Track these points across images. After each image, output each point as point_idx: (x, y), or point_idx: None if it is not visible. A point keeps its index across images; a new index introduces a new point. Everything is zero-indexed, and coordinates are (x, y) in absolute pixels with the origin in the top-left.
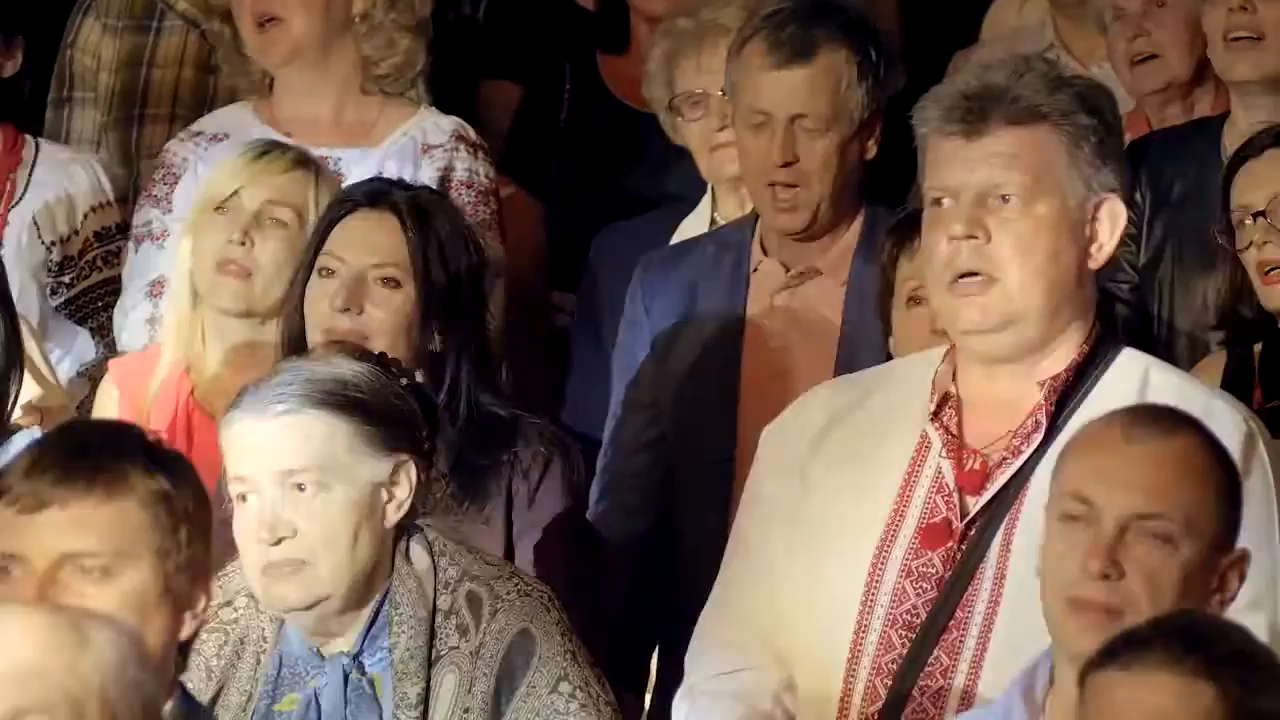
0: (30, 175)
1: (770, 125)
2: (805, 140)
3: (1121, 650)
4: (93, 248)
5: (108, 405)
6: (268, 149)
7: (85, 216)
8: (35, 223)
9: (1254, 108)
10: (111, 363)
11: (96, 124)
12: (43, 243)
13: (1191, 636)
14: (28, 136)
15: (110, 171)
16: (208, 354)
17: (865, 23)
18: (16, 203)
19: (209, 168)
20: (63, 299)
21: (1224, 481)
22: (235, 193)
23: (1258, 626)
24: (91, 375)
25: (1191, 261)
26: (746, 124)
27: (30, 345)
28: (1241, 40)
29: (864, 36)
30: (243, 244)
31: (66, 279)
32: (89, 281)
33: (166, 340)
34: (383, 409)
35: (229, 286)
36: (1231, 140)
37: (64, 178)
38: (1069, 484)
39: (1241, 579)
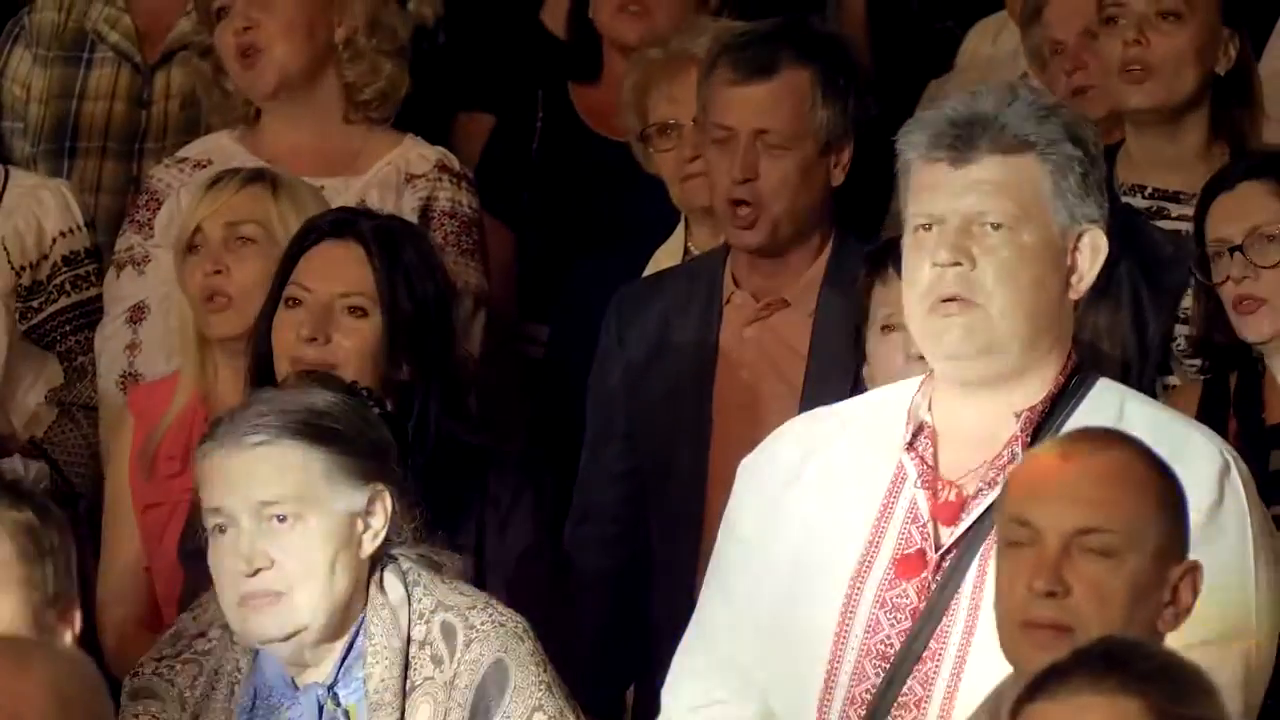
0: (0, 201)
1: (733, 141)
2: (767, 158)
3: (1047, 681)
4: (61, 273)
5: (124, 433)
6: (218, 177)
7: (54, 242)
8: (4, 248)
9: (1146, 135)
10: (131, 391)
11: (25, 154)
12: (12, 268)
13: (1111, 657)
14: None
15: (80, 197)
16: (220, 385)
17: (836, 47)
18: None
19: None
20: (31, 323)
21: (1164, 492)
22: (198, 228)
23: (1233, 656)
24: (59, 400)
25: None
26: (712, 140)
27: None
28: (1135, 72)
29: (832, 60)
30: (219, 273)
31: (35, 304)
32: (57, 306)
33: (182, 384)
34: (358, 439)
35: (221, 318)
36: (1124, 169)
37: (33, 203)
38: (1010, 510)
39: (1194, 591)
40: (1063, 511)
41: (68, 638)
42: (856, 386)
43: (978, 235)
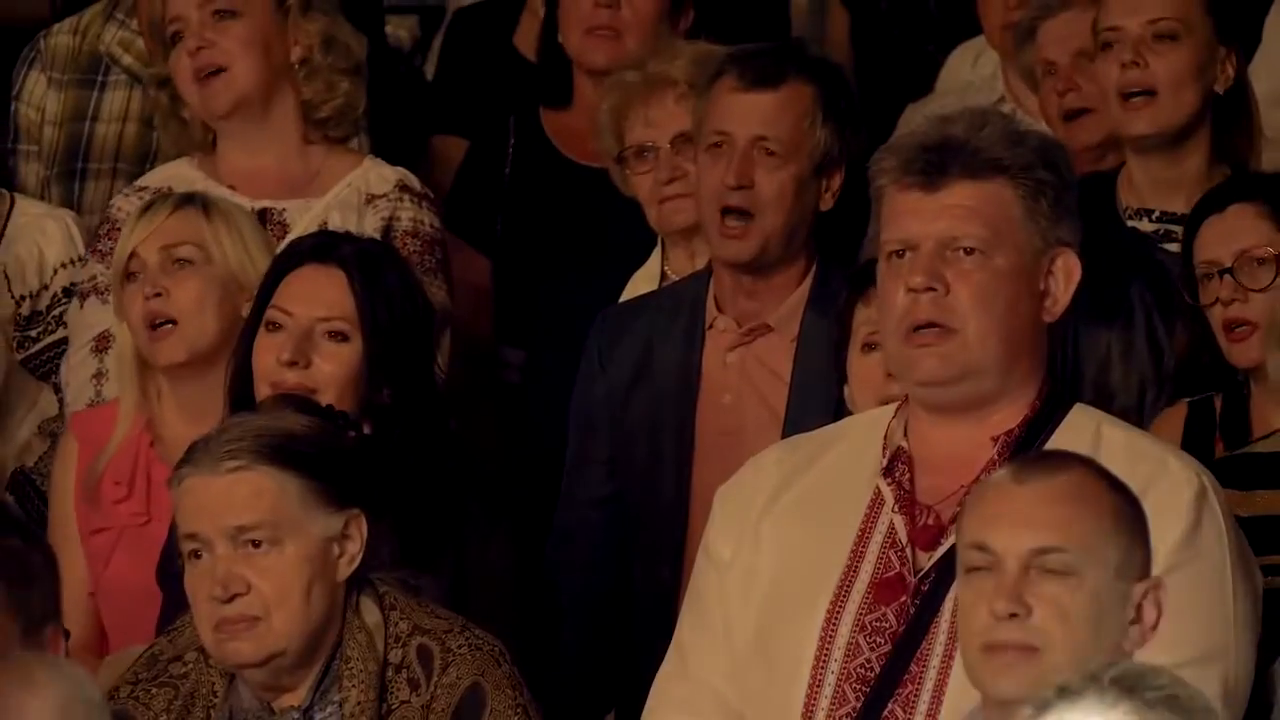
0: (4, 229)
1: (729, 147)
2: (763, 167)
3: (1056, 701)
4: (60, 303)
5: (69, 458)
6: (149, 203)
7: (55, 272)
8: (5, 276)
9: (1148, 158)
10: (73, 416)
11: (39, 177)
12: (12, 296)
13: (1122, 684)
14: (3, 191)
15: (85, 228)
16: (164, 410)
17: (838, 73)
18: None
19: None
20: (28, 353)
21: (1120, 510)
22: (133, 254)
23: (1210, 679)
24: (52, 431)
25: (1093, 314)
26: (705, 147)
27: None
28: (1137, 98)
29: (834, 84)
30: (158, 295)
31: (33, 333)
32: (54, 337)
33: (122, 412)
34: (333, 463)
35: (165, 344)
36: (1126, 192)
37: (37, 233)
38: (967, 536)
39: (1159, 608)
40: (1019, 534)
41: None
42: (839, 411)
43: (951, 260)
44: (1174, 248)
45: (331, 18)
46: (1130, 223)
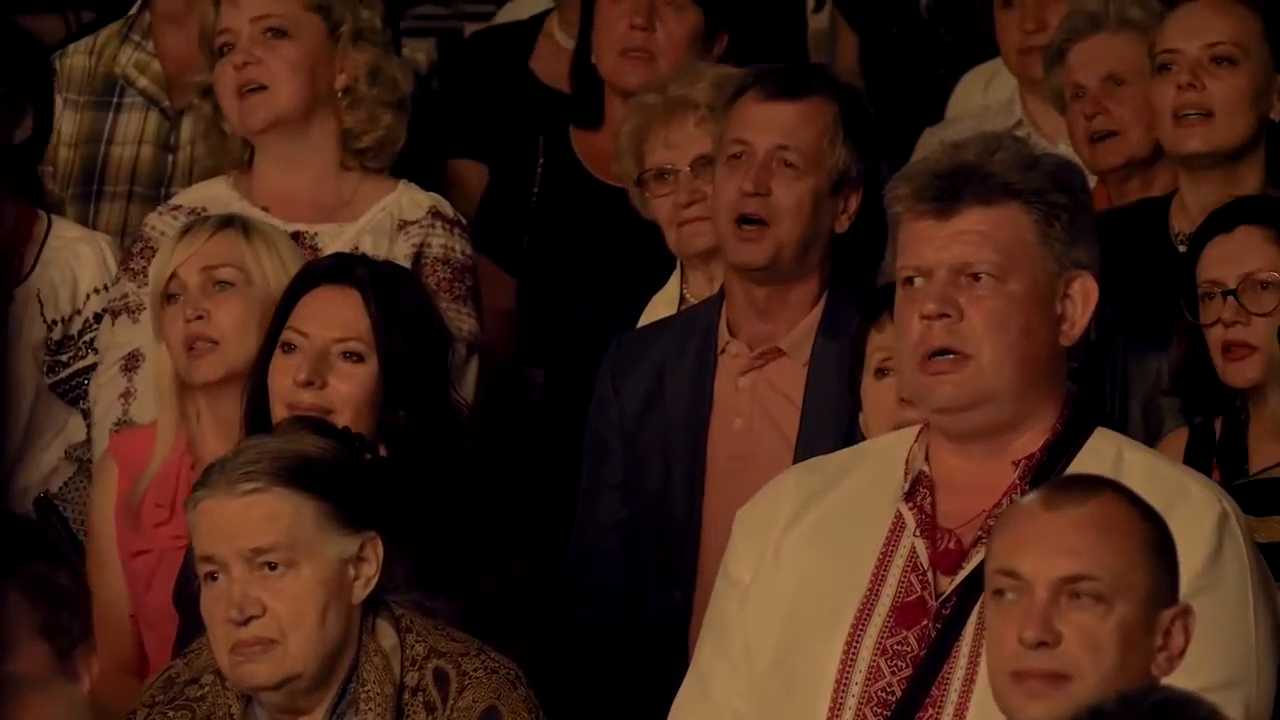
0: (39, 253)
1: (749, 156)
2: (781, 177)
3: None
4: (91, 328)
5: (109, 481)
6: (189, 225)
7: (88, 297)
8: (39, 299)
9: (1202, 183)
10: (112, 438)
11: (54, 198)
12: (44, 321)
13: (1163, 713)
14: (41, 212)
15: (117, 252)
16: (204, 431)
17: (860, 97)
18: (23, 279)
19: None
20: (58, 378)
21: (1150, 536)
22: (174, 275)
23: (1233, 703)
24: (79, 456)
25: (1143, 339)
26: (725, 157)
27: None
28: (1191, 116)
29: (856, 106)
30: (200, 318)
31: (64, 358)
32: (84, 362)
33: (161, 434)
34: (349, 485)
35: (203, 362)
36: (1179, 218)
37: (71, 257)
38: (996, 562)
39: (1187, 635)
40: (1049, 561)
41: (85, 684)
42: (851, 435)
43: (965, 286)
44: None
45: (381, 50)
46: (1181, 248)
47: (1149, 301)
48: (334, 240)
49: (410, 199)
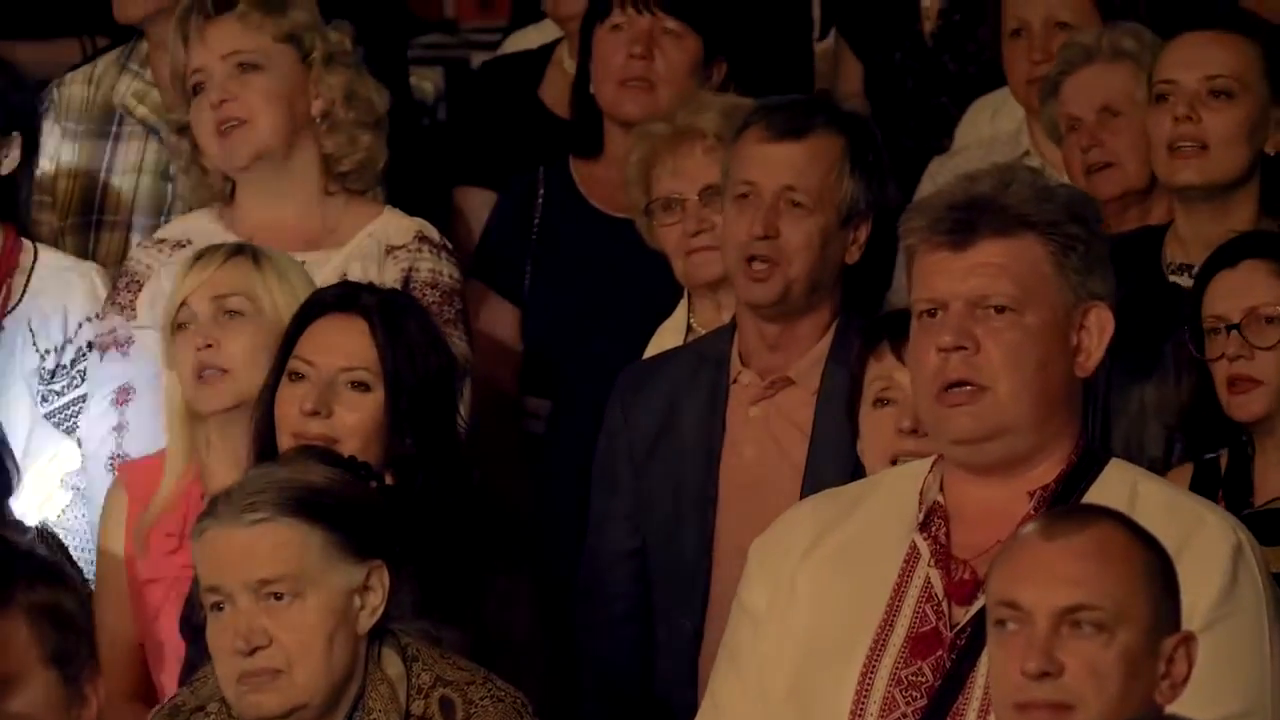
0: (28, 281)
1: (756, 197)
2: (789, 217)
3: None
4: (84, 357)
5: (118, 509)
6: (201, 253)
7: (79, 326)
8: (30, 329)
9: (1196, 214)
10: (120, 467)
11: (53, 228)
12: (36, 350)
13: None
14: (26, 241)
15: (108, 281)
16: (213, 460)
17: (867, 126)
18: (12, 308)
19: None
20: (51, 407)
21: (1150, 564)
22: (184, 304)
23: None
24: (74, 485)
25: (1129, 368)
26: (732, 197)
27: None
28: (1186, 148)
29: (863, 136)
30: (209, 346)
31: (57, 387)
32: (78, 391)
33: (170, 463)
34: (355, 515)
35: (213, 391)
36: (1173, 248)
37: (61, 286)
38: (997, 593)
39: (1190, 662)
40: (1050, 591)
41: (94, 708)
42: (859, 464)
43: (981, 318)
44: None
45: (354, 71)
46: (1172, 278)
47: (1135, 330)
48: (321, 268)
49: (396, 224)
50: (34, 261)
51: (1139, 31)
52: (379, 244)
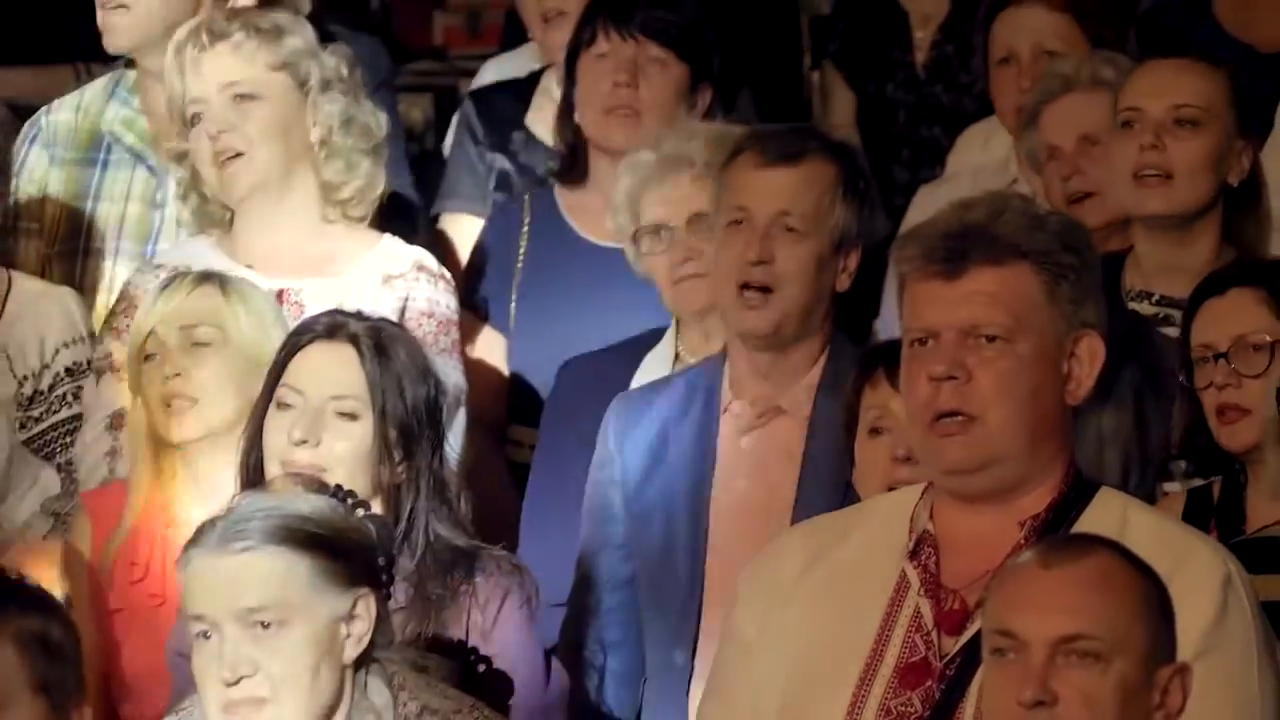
0: (3, 308)
1: (749, 223)
2: (784, 242)
3: None
4: (63, 383)
5: (82, 538)
6: (167, 282)
7: (57, 352)
8: (6, 356)
9: (1157, 242)
10: (84, 495)
11: (40, 255)
12: (13, 376)
13: None
14: (1, 269)
15: (83, 307)
16: (180, 490)
17: (858, 157)
18: None
19: None
20: (31, 433)
21: (1147, 594)
22: (151, 333)
23: None
24: (54, 510)
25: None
26: (724, 224)
27: None
28: (1151, 177)
29: (855, 165)
30: (177, 375)
31: (35, 413)
32: (57, 417)
33: (133, 491)
34: (342, 544)
35: (183, 420)
36: (1132, 276)
37: (37, 312)
38: (993, 621)
39: (1185, 693)
40: (1046, 620)
41: None
42: (850, 493)
43: (973, 348)
44: (1172, 331)
45: (351, 98)
46: (1131, 304)
47: None
48: (319, 295)
49: (394, 252)
50: (9, 288)
51: (1117, 60)
52: (377, 272)
